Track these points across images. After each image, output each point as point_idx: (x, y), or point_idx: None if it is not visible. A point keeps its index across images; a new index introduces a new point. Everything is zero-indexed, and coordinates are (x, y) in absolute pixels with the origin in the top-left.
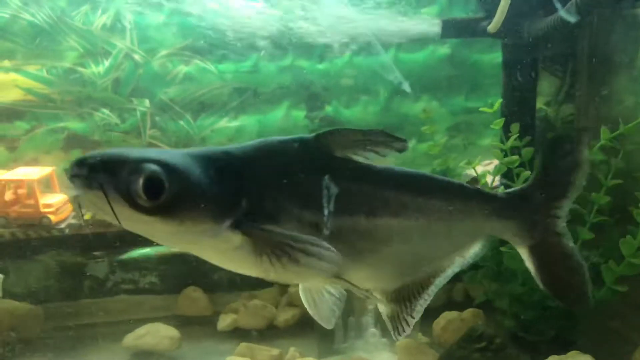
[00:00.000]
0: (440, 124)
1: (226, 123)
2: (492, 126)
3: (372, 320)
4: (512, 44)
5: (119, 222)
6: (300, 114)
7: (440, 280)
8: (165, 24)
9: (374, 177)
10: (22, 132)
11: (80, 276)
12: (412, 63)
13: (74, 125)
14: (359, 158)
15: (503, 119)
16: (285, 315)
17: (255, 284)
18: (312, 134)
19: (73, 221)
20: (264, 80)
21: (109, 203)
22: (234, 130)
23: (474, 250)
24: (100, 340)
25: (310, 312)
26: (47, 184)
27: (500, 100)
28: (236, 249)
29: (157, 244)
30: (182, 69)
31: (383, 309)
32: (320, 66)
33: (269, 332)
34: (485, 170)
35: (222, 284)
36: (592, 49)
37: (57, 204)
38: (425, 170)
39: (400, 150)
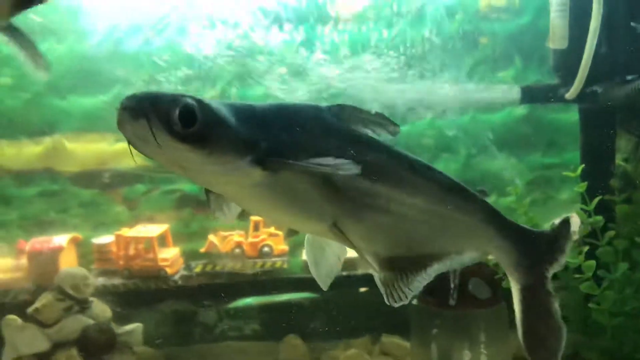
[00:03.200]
0: (519, 179)
1: None
2: (575, 189)
3: None
4: (590, 108)
5: (158, 150)
6: None
7: (439, 267)
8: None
9: (381, 148)
10: (140, 193)
11: (192, 323)
12: (490, 123)
13: (185, 186)
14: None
15: (586, 182)
16: None
17: (349, 334)
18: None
19: (185, 272)
20: None
21: (151, 129)
22: None
23: (472, 255)
24: None
25: (312, 270)
26: (162, 240)
27: (582, 166)
28: (255, 186)
29: (258, 294)
30: None
31: (375, 273)
32: (403, 128)
33: None
34: None
35: (318, 333)
36: None
37: (171, 258)
38: None
39: (393, 134)
